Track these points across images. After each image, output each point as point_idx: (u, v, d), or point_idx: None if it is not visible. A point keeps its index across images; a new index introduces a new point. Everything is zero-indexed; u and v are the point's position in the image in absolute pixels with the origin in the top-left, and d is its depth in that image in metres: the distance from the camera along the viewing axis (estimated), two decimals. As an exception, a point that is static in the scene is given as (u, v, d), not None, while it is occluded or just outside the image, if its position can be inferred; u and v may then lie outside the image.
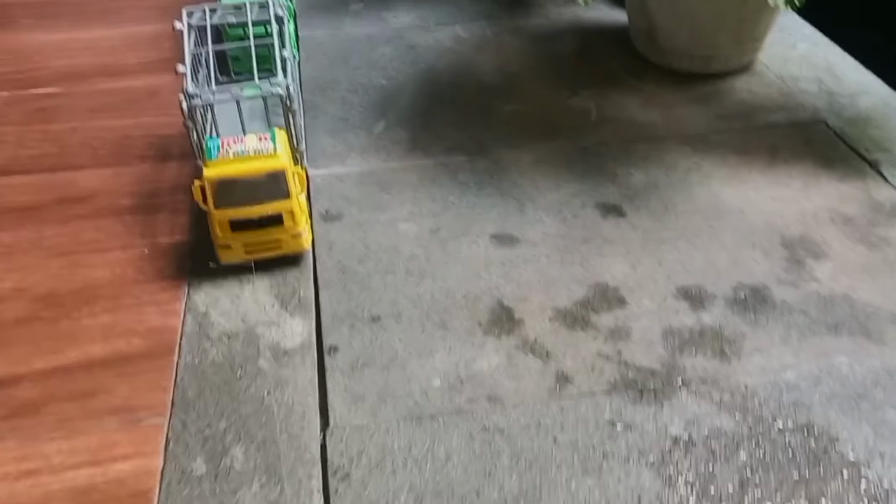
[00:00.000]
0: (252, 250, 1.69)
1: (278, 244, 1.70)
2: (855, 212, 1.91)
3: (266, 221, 1.65)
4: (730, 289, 1.70)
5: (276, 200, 1.64)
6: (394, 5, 2.88)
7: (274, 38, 1.80)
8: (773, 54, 2.58)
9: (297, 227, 1.69)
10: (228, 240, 1.66)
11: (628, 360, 1.54)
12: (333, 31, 2.71)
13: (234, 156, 1.60)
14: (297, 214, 1.67)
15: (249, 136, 1.63)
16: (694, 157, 2.11)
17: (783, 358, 1.55)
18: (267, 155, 1.61)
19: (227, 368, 1.53)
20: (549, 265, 1.76)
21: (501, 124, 2.24)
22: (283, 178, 1.62)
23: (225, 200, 1.62)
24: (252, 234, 1.66)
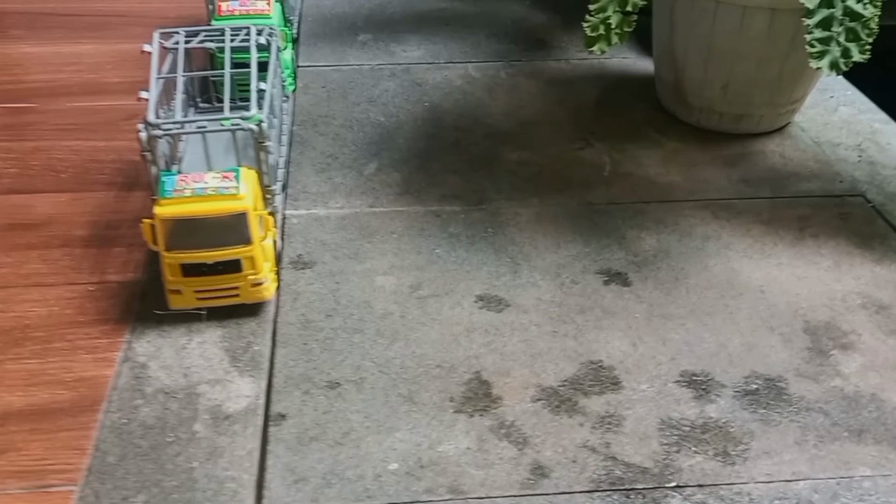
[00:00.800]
0: (205, 297, 1.57)
1: (235, 292, 1.58)
2: (891, 299, 1.75)
3: (222, 267, 1.53)
4: (741, 378, 1.54)
5: (235, 245, 1.53)
6: (405, 38, 2.76)
7: (252, 68, 1.67)
8: (812, 117, 2.43)
9: (257, 275, 1.57)
10: (179, 284, 1.55)
11: (617, 454, 1.38)
12: (336, 63, 2.60)
13: (191, 193, 1.49)
14: (259, 261, 1.55)
15: (211, 174, 1.52)
16: (713, 225, 1.95)
17: (796, 465, 1.38)
18: (228, 195, 1.50)
19: (157, 431, 1.38)
20: (539, 336, 1.60)
21: (505, 173, 2.10)
22: (245, 222, 1.51)
23: (177, 242, 1.51)
24: (206, 279, 1.55)
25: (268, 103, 1.68)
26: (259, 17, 2.11)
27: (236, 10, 2.13)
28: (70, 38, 2.66)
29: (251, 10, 2.12)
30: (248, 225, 1.51)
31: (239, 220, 1.50)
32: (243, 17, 2.13)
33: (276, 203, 1.74)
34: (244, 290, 1.58)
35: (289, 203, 1.94)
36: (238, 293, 1.58)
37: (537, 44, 2.81)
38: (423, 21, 2.92)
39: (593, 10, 1.94)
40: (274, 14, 2.17)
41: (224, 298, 1.58)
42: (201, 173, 1.51)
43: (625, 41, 1.95)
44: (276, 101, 1.91)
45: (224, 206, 1.49)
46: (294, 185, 2.01)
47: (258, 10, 2.12)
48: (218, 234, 1.51)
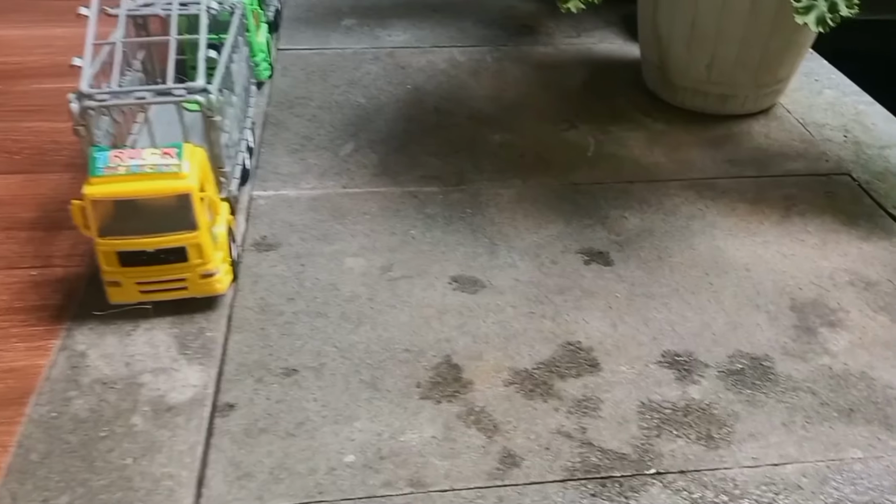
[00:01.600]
0: (149, 290, 1.39)
1: (182, 285, 1.40)
2: (879, 275, 1.61)
3: (165, 256, 1.35)
4: (725, 358, 1.41)
5: (178, 231, 1.34)
6: (391, 23, 2.63)
7: (200, 37, 1.50)
8: (797, 99, 2.30)
9: (206, 266, 1.39)
10: (117, 275, 1.36)
11: (593, 440, 1.25)
12: (319, 46, 2.46)
13: (126, 171, 1.30)
14: (207, 250, 1.37)
15: (150, 150, 1.33)
16: (699, 204, 1.82)
17: (783, 448, 1.25)
18: (169, 174, 1.30)
19: (90, 425, 1.24)
20: (515, 317, 1.47)
21: (487, 155, 1.97)
22: (189, 204, 1.32)
23: (112, 227, 1.33)
24: (147, 270, 1.36)
25: (219, 77, 1.51)
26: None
27: None
28: (46, 20, 2.52)
29: None
30: (192, 208, 1.32)
31: (182, 203, 1.32)
32: None
33: (231, 187, 1.59)
34: (193, 283, 1.40)
35: (257, 184, 1.81)
36: (186, 286, 1.40)
37: (525, 30, 2.67)
38: (410, 7, 2.79)
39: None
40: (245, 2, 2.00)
41: (170, 292, 1.40)
42: (139, 149, 1.33)
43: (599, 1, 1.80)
44: (237, 79, 1.74)
45: (164, 186, 1.31)
46: (264, 166, 1.88)
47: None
48: (158, 217, 1.32)
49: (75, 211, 1.31)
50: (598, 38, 2.63)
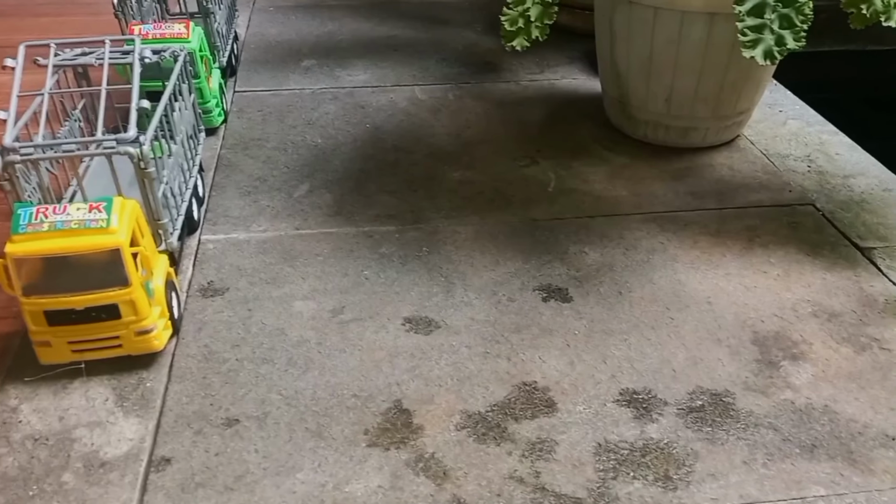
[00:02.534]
0: (81, 349, 1.33)
1: (117, 342, 1.34)
2: (842, 307, 1.58)
3: (97, 314, 1.29)
4: (685, 395, 1.36)
5: (108, 288, 1.29)
6: (351, 63, 2.60)
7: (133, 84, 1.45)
8: (760, 130, 2.28)
9: (141, 322, 1.33)
10: (46, 335, 1.30)
11: (547, 484, 1.20)
12: (276, 87, 2.43)
13: (50, 228, 1.25)
14: (142, 306, 1.32)
15: (76, 205, 1.28)
16: (660, 237, 1.79)
17: (744, 487, 1.20)
18: (97, 229, 1.26)
19: (18, 483, 1.18)
20: (469, 358, 1.42)
21: (445, 193, 1.93)
22: (119, 260, 1.27)
23: (37, 286, 1.27)
24: (78, 329, 1.31)
25: (153, 127, 1.47)
26: (176, 42, 1.92)
27: (150, 34, 1.93)
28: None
29: (167, 34, 1.93)
30: (122, 263, 1.27)
31: (111, 258, 1.27)
32: (158, 41, 1.93)
33: (172, 239, 1.53)
34: (127, 340, 1.34)
35: (206, 228, 1.77)
36: (121, 343, 1.34)
37: (487, 67, 2.66)
38: (371, 47, 2.77)
39: (511, 2, 1.77)
40: (193, 39, 1.97)
41: (104, 350, 1.34)
42: (65, 204, 1.28)
43: (545, 36, 1.77)
44: (179, 127, 1.69)
45: (90, 242, 1.25)
46: (215, 209, 1.83)
47: (175, 34, 1.94)
48: (87, 274, 1.27)
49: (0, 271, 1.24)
50: (561, 73, 2.62)
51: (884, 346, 1.48)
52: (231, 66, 2.47)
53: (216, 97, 2.12)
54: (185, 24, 1.96)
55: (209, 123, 2.10)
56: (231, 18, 2.56)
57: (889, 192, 1.98)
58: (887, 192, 1.98)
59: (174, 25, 1.94)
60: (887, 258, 1.73)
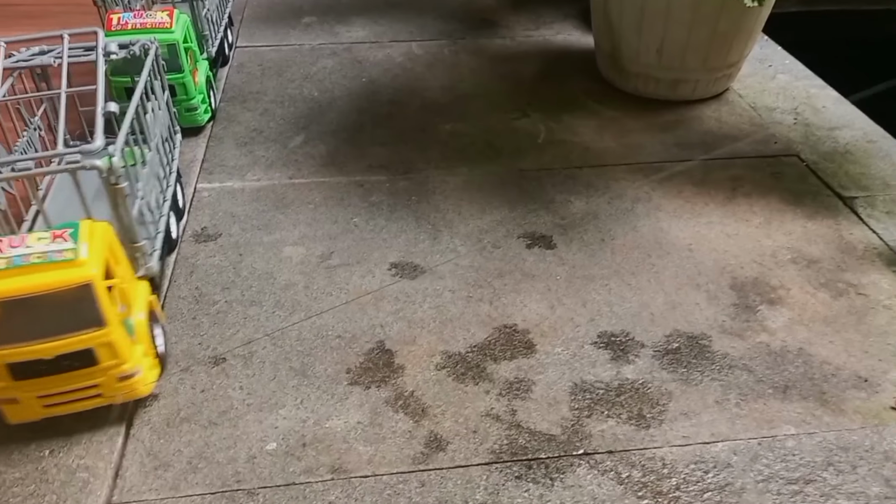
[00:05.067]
0: (53, 403, 1.10)
1: (96, 392, 1.11)
2: (821, 253, 1.54)
3: (69, 363, 1.06)
4: (662, 337, 1.34)
5: (81, 331, 1.04)
6: (350, 20, 2.55)
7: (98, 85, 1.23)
8: (749, 84, 2.22)
9: (122, 367, 1.09)
10: (12, 391, 1.07)
11: (523, 422, 1.18)
12: (276, 43, 2.39)
13: (7, 265, 1.01)
14: (122, 348, 1.08)
15: (36, 234, 1.04)
16: (645, 187, 1.75)
17: (715, 426, 1.18)
18: (63, 262, 1.02)
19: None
20: (452, 301, 1.40)
21: (436, 144, 1.89)
22: (91, 296, 1.03)
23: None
24: (48, 381, 1.07)
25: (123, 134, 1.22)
26: (158, 32, 1.70)
27: (129, 24, 1.70)
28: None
29: (148, 24, 1.71)
30: (96, 300, 1.03)
31: (82, 295, 1.02)
32: (137, 31, 1.69)
33: (151, 262, 1.28)
34: (108, 388, 1.11)
35: (202, 177, 1.74)
36: (100, 392, 1.11)
37: (483, 23, 2.60)
38: (370, 4, 2.72)
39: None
40: (177, 28, 1.74)
41: (81, 402, 1.11)
42: (23, 235, 1.04)
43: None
44: (153, 131, 1.43)
45: (56, 279, 1.01)
46: (211, 159, 1.80)
47: (157, 24, 1.71)
48: (55, 317, 1.03)
49: None
50: (556, 30, 2.56)
51: (860, 291, 1.45)
52: (223, 54, 2.23)
53: (202, 92, 1.87)
54: (169, 13, 1.74)
55: (194, 122, 1.86)
56: (224, 3, 2.31)
57: (873, 144, 1.93)
58: (871, 144, 1.93)
59: (156, 14, 1.72)
60: (868, 207, 1.69)
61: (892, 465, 1.12)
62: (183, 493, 1.05)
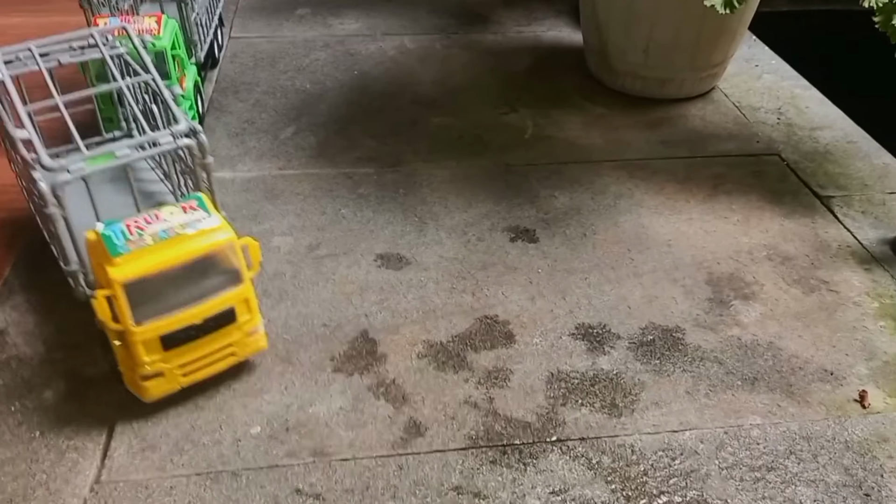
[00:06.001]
0: (192, 370, 1.15)
1: (230, 351, 1.18)
2: (797, 251, 1.59)
3: (215, 324, 1.12)
4: (638, 330, 1.39)
5: (225, 290, 1.12)
6: (344, 13, 2.59)
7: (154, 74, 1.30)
8: (735, 83, 2.27)
9: (254, 321, 1.18)
10: (159, 365, 1.11)
11: (499, 409, 1.23)
12: (270, 34, 2.43)
13: (155, 240, 1.07)
14: (254, 301, 1.17)
15: (167, 209, 1.11)
16: (628, 184, 1.80)
17: (684, 415, 1.23)
18: (205, 229, 1.09)
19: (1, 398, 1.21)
20: (436, 292, 1.45)
21: (425, 137, 1.94)
22: (232, 257, 1.12)
23: (150, 309, 1.07)
24: (194, 346, 1.13)
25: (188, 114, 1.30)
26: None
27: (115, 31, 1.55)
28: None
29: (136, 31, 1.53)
30: (235, 260, 1.12)
31: (224, 257, 1.11)
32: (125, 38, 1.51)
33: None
34: (240, 344, 1.18)
35: (194, 166, 1.77)
36: (234, 351, 1.18)
37: (476, 18, 2.64)
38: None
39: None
40: (165, 35, 1.66)
41: (216, 364, 1.17)
42: (155, 212, 1.11)
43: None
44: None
45: (205, 245, 1.08)
46: (203, 148, 1.84)
47: (144, 30, 1.64)
48: (202, 281, 1.10)
49: (100, 305, 1.04)
50: (547, 26, 2.61)
51: (832, 288, 1.50)
52: (212, 57, 2.18)
53: (189, 98, 1.80)
54: (157, 18, 1.68)
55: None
56: (213, 5, 2.21)
57: (852, 144, 1.98)
58: (851, 144, 1.98)
59: (144, 20, 1.66)
60: (844, 206, 1.74)
61: (852, 455, 1.17)
62: (169, 473, 1.10)
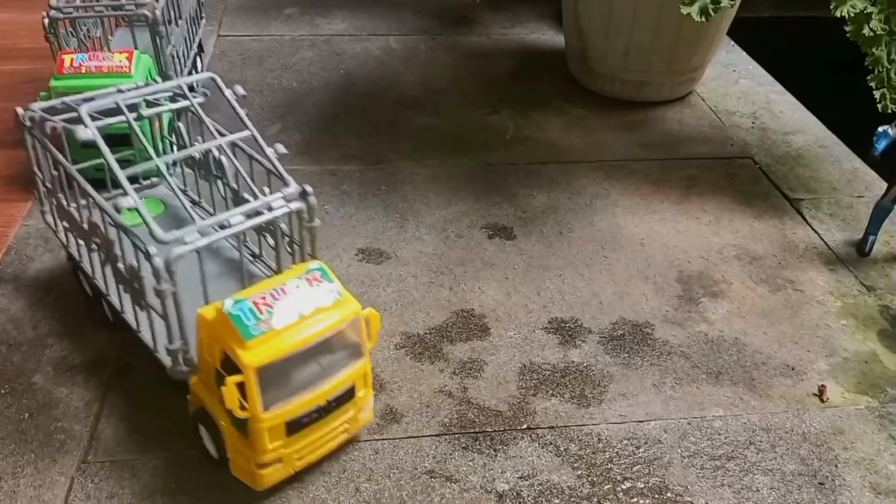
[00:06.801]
0: (308, 452, 1.08)
1: (343, 429, 1.11)
2: (765, 251, 1.65)
3: (336, 402, 1.06)
4: (608, 325, 1.44)
5: (349, 366, 1.06)
6: (331, 13, 2.64)
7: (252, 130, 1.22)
8: (713, 88, 2.33)
9: (368, 395, 1.12)
10: (279, 451, 1.03)
11: (473, 398, 1.28)
12: (258, 33, 2.47)
13: (286, 318, 1.00)
14: (370, 376, 1.12)
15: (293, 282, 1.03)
16: (605, 184, 1.85)
17: (650, 406, 1.28)
18: (333, 303, 1.03)
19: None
20: (415, 286, 1.50)
21: (408, 137, 1.99)
22: (357, 329, 1.06)
23: (278, 392, 1.00)
24: (314, 429, 1.05)
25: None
26: (115, 77, 1.51)
27: (83, 67, 1.54)
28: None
29: (104, 68, 1.54)
30: (359, 331, 1.07)
31: (351, 330, 1.05)
32: (93, 76, 1.53)
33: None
34: (353, 420, 1.11)
35: (180, 162, 1.82)
36: (346, 428, 1.11)
37: (461, 21, 2.69)
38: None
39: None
40: (137, 73, 1.55)
41: (328, 444, 1.10)
42: (279, 286, 1.03)
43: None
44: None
45: (336, 321, 1.02)
46: (190, 144, 1.88)
47: (114, 68, 1.54)
48: (327, 359, 1.04)
49: (229, 393, 0.95)
50: (530, 29, 2.66)
51: (797, 287, 1.56)
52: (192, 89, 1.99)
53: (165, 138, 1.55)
54: (128, 55, 1.58)
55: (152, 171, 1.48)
56: (194, 30, 2.07)
57: (824, 149, 2.05)
58: (822, 149, 2.05)
59: (114, 56, 1.56)
60: (813, 208, 1.80)
61: (809, 446, 1.23)
62: (155, 453, 1.15)
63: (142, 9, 1.64)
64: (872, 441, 1.24)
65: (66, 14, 1.63)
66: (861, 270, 1.61)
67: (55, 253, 1.51)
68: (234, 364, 0.96)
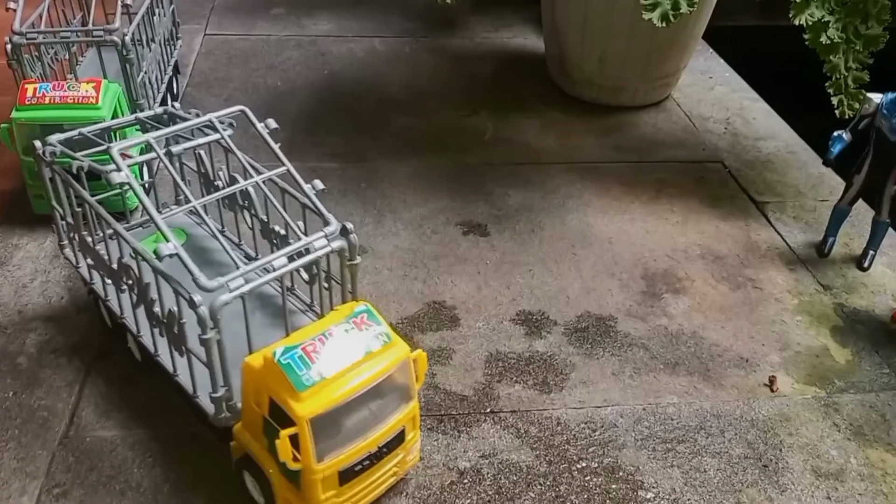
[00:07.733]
0: (358, 499, 1.07)
1: (392, 473, 1.10)
2: (728, 251, 1.75)
3: (387, 448, 1.05)
4: (574, 317, 1.53)
5: (399, 410, 1.05)
6: (317, 13, 2.73)
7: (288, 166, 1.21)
8: (688, 94, 2.43)
9: (416, 437, 1.11)
10: (332, 500, 1.02)
11: (440, 384, 1.37)
12: (244, 33, 2.56)
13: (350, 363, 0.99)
14: (418, 419, 1.11)
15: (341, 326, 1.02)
16: (578, 185, 1.94)
17: (608, 393, 1.37)
18: (383, 347, 1.02)
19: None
20: (389, 279, 1.58)
21: (389, 136, 2.08)
22: (408, 372, 1.06)
23: (331, 442, 0.99)
24: (368, 475, 1.05)
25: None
26: (81, 109, 1.47)
27: (47, 97, 1.48)
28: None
29: (69, 98, 1.48)
30: (409, 375, 1.06)
31: (400, 373, 1.04)
32: (57, 107, 1.47)
33: None
34: (402, 463, 1.10)
35: (164, 157, 1.90)
36: (395, 472, 1.10)
37: (446, 24, 2.78)
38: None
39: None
40: (105, 104, 1.49)
41: (379, 487, 1.09)
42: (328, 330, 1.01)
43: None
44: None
45: (387, 366, 1.01)
46: (175, 140, 1.97)
47: (80, 99, 1.49)
48: (378, 403, 1.03)
49: (283, 447, 0.94)
50: (514, 33, 2.75)
51: (757, 285, 1.65)
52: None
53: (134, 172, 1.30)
54: (95, 85, 1.51)
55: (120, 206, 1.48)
56: (169, 51, 2.03)
57: (792, 154, 2.14)
58: (791, 154, 2.14)
59: (80, 86, 1.50)
60: (778, 212, 1.89)
61: (756, 431, 1.32)
62: (132, 430, 1.23)
63: (111, 35, 1.59)
64: (817, 428, 1.33)
65: (31, 40, 1.58)
66: (819, 270, 1.70)
67: (39, 241, 1.59)
68: (284, 412, 0.95)
